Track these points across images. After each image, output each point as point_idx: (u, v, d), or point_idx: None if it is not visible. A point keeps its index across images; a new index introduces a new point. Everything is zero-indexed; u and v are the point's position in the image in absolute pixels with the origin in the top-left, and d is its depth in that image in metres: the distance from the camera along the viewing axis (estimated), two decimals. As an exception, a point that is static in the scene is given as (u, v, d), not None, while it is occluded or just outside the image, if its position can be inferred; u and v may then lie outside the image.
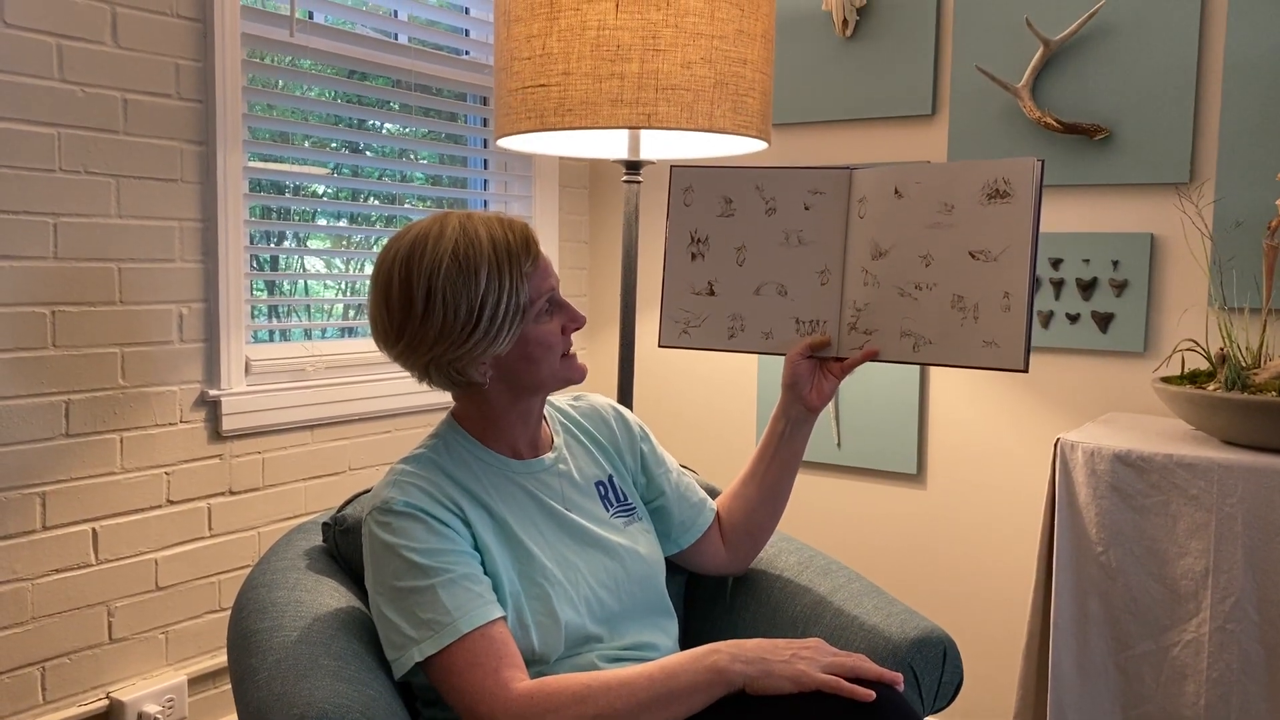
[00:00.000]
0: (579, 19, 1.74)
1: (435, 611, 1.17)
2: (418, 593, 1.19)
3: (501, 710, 1.13)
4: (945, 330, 1.36)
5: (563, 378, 1.32)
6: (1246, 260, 2.02)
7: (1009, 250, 1.31)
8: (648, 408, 2.81)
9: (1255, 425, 1.68)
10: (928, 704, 1.42)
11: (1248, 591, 1.66)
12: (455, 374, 1.27)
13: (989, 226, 1.32)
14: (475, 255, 1.22)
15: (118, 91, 1.82)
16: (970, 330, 1.34)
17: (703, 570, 1.57)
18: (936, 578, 2.41)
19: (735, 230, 1.50)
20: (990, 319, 1.32)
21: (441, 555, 1.20)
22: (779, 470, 1.50)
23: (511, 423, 1.34)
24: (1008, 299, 1.31)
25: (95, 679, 1.87)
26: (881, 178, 1.41)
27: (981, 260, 1.33)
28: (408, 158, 2.53)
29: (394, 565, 1.21)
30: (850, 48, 2.43)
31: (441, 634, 1.17)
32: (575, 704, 1.13)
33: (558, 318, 1.31)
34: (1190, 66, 2.07)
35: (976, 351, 1.33)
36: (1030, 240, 1.29)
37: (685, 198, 1.52)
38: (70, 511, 1.81)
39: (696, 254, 1.52)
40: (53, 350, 1.77)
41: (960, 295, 1.34)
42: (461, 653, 1.16)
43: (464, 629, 1.16)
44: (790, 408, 1.47)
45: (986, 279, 1.32)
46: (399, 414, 2.37)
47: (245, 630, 1.31)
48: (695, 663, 1.16)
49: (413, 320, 1.22)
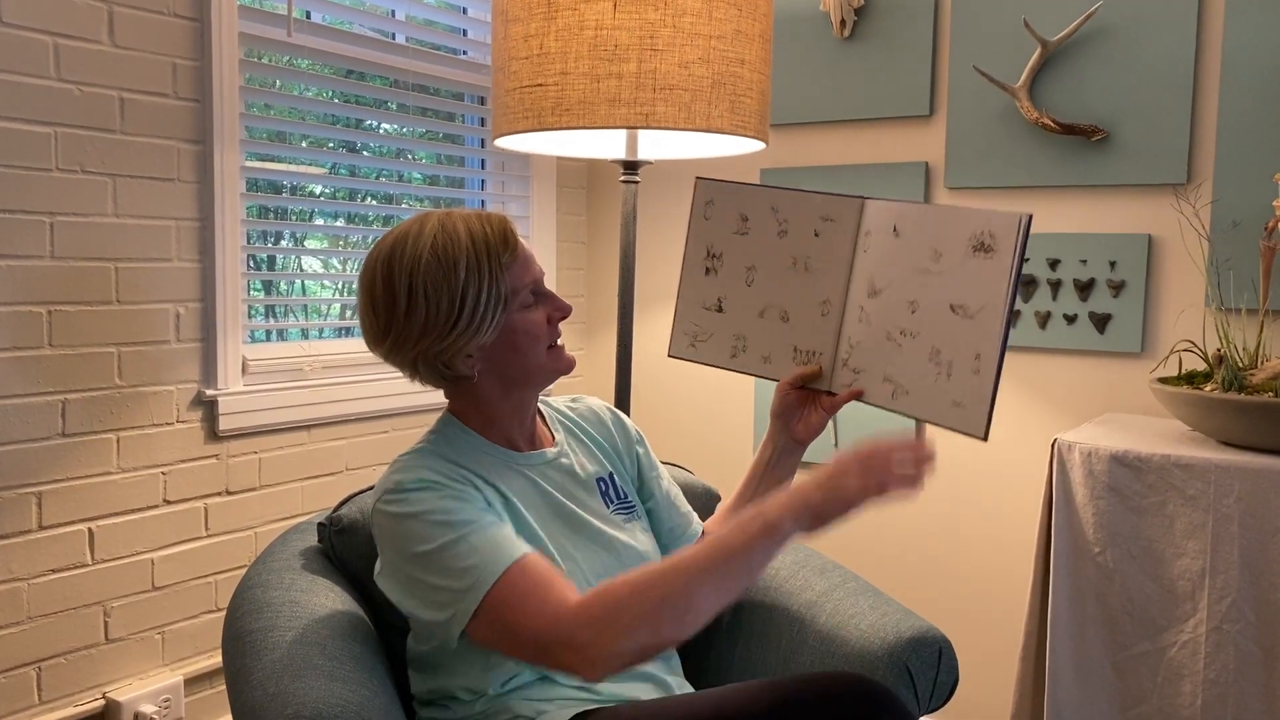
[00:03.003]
0: (577, 18, 1.74)
1: (474, 557, 1.17)
2: (450, 547, 1.18)
3: (567, 625, 1.12)
4: (921, 382, 1.29)
5: (551, 368, 1.32)
6: (1244, 261, 2.02)
7: (985, 309, 1.23)
8: (645, 408, 2.81)
9: (1252, 426, 1.68)
10: (923, 704, 1.42)
11: (1244, 592, 1.66)
12: (443, 367, 1.28)
13: (971, 280, 1.24)
14: (454, 249, 1.24)
15: (115, 91, 1.82)
16: (942, 387, 1.26)
17: None
18: (933, 578, 2.41)
19: (748, 249, 1.47)
20: (961, 378, 1.24)
21: (462, 512, 1.21)
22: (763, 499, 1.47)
23: (506, 416, 1.35)
24: (978, 360, 1.23)
25: (91, 679, 1.87)
26: (887, 213, 1.35)
27: (960, 315, 1.25)
28: (405, 157, 2.53)
29: (417, 532, 1.20)
30: (848, 48, 2.43)
31: (485, 576, 1.16)
32: (635, 596, 1.11)
33: (543, 308, 1.32)
34: (1188, 67, 2.07)
35: (944, 410, 1.26)
36: (1005, 301, 1.20)
37: (706, 211, 1.50)
38: (66, 511, 1.81)
39: (710, 269, 1.50)
40: (49, 350, 1.77)
41: (938, 349, 1.27)
42: (508, 590, 1.15)
43: (505, 563, 1.16)
44: (778, 436, 1.46)
45: (962, 335, 1.24)
46: (396, 414, 2.37)
47: (240, 630, 1.31)
48: (745, 527, 1.14)
49: (397, 317, 1.25)
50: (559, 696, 1.26)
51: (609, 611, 1.11)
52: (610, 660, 1.11)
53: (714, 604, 1.13)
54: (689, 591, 1.11)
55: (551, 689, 1.27)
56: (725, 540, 1.14)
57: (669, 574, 1.12)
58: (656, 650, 1.12)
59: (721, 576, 1.12)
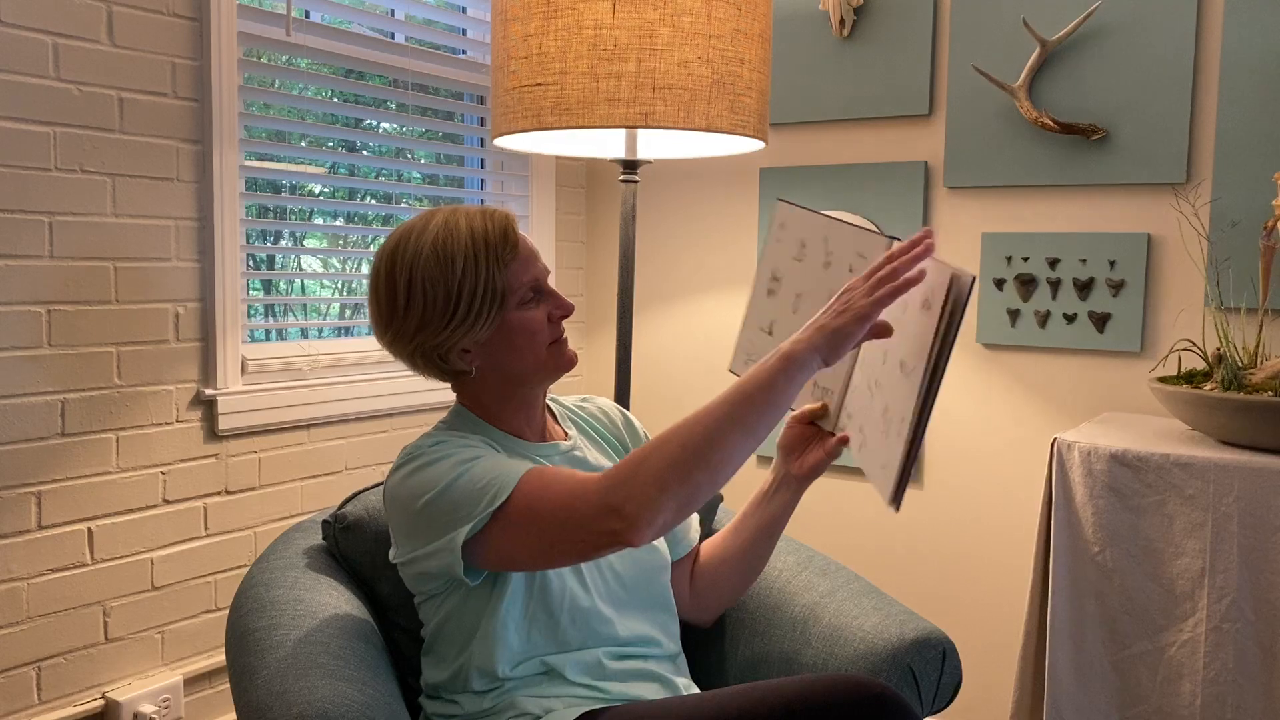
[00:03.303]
0: (576, 18, 1.74)
1: (492, 472, 1.19)
2: (464, 476, 1.20)
3: (598, 493, 1.11)
4: (873, 437, 1.23)
5: (550, 365, 1.33)
6: (1243, 260, 2.03)
7: (914, 369, 1.15)
8: (645, 408, 2.81)
9: (1251, 425, 1.68)
10: (926, 705, 1.42)
11: (1244, 591, 1.67)
12: (440, 361, 1.30)
13: (913, 337, 1.17)
14: (453, 245, 1.26)
15: (114, 90, 1.82)
16: (880, 445, 1.20)
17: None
18: (934, 578, 2.42)
19: (800, 276, 1.44)
20: (891, 440, 1.18)
21: (477, 453, 1.24)
22: (754, 530, 1.44)
23: (514, 411, 1.36)
24: (901, 423, 1.15)
25: (91, 679, 1.86)
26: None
27: (902, 373, 1.18)
28: (404, 157, 2.52)
29: (431, 476, 1.21)
30: (847, 47, 2.43)
31: (504, 481, 1.18)
32: (657, 449, 1.10)
33: (543, 306, 1.33)
34: (1187, 66, 2.07)
35: (876, 470, 1.21)
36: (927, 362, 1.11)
37: (779, 234, 1.47)
38: (66, 511, 1.80)
39: (772, 291, 1.48)
40: (48, 349, 1.76)
41: (887, 406, 1.21)
42: (529, 487, 1.17)
43: (524, 468, 1.19)
44: (779, 467, 1.44)
45: (901, 395, 1.17)
46: (396, 413, 2.37)
47: (244, 629, 1.30)
48: (763, 364, 1.13)
49: (397, 310, 1.27)
50: (566, 694, 1.26)
51: (635, 468, 1.10)
52: (649, 513, 1.09)
53: (740, 443, 1.11)
54: (711, 433, 1.10)
55: (559, 686, 1.27)
56: (745, 380, 1.13)
57: (689, 422, 1.12)
58: (693, 500, 1.11)
59: (744, 413, 1.11)
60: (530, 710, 1.24)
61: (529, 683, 1.27)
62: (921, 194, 2.36)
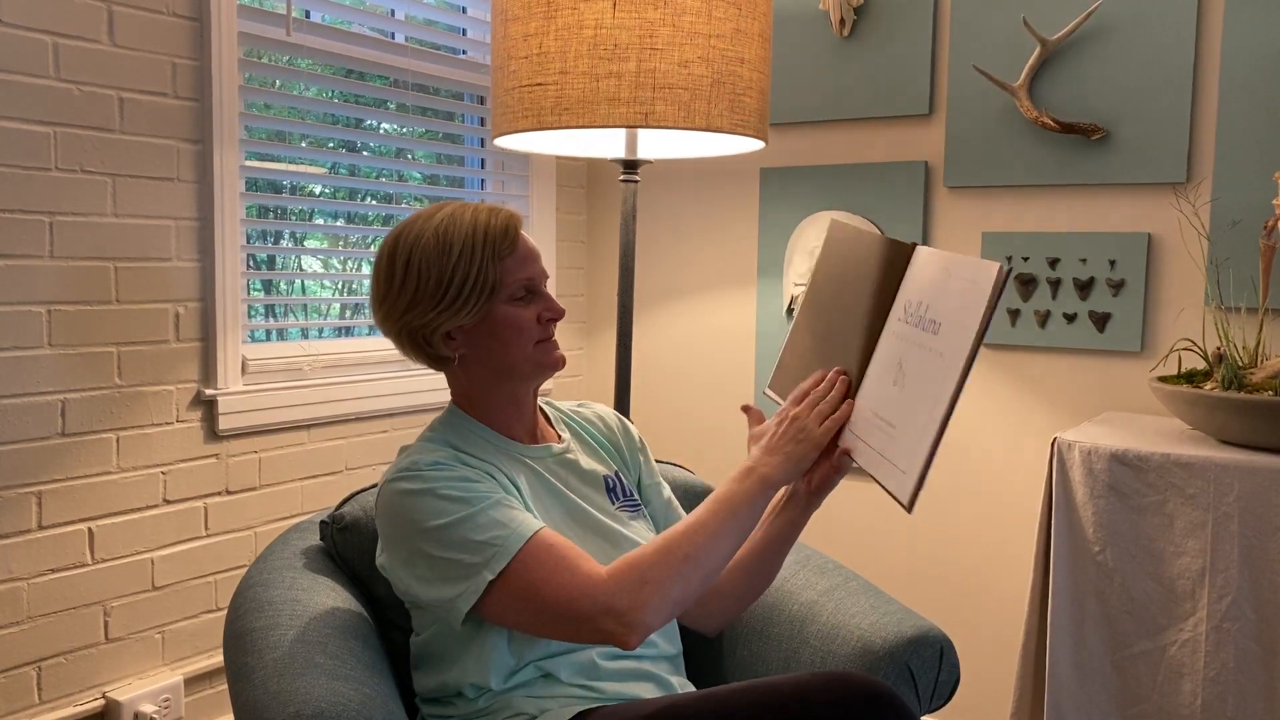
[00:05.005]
0: (576, 18, 1.74)
1: (492, 530, 1.20)
2: (466, 521, 1.20)
3: (605, 594, 1.16)
4: (881, 440, 1.21)
5: (536, 362, 1.34)
6: (1243, 259, 2.02)
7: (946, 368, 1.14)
8: (645, 408, 2.81)
9: (1252, 424, 1.68)
10: (924, 703, 1.42)
11: (1244, 590, 1.66)
12: (424, 342, 1.32)
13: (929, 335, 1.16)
14: (454, 232, 1.30)
15: (114, 90, 1.82)
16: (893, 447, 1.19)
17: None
18: (933, 577, 2.41)
19: (834, 293, 1.40)
20: (909, 441, 1.16)
21: (478, 487, 1.24)
22: (762, 544, 1.42)
23: (501, 405, 1.36)
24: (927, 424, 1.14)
25: (91, 679, 1.87)
26: (923, 266, 1.23)
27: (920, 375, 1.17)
28: (405, 157, 2.53)
29: (430, 507, 1.22)
30: (847, 47, 2.43)
31: (507, 545, 1.18)
32: (662, 558, 1.17)
33: (535, 306, 1.34)
34: (1187, 66, 2.07)
35: (892, 473, 1.18)
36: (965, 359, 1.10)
37: (827, 250, 1.44)
38: (66, 511, 1.81)
39: (816, 313, 1.43)
40: (49, 349, 1.77)
41: (899, 410, 1.19)
42: (533, 561, 1.18)
43: (527, 534, 1.19)
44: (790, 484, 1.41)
45: (918, 397, 1.16)
46: (395, 413, 2.37)
47: (242, 629, 1.30)
48: (741, 483, 1.24)
49: (392, 287, 1.31)
50: (561, 694, 1.26)
51: (642, 576, 1.16)
52: (650, 621, 1.16)
53: (730, 554, 1.22)
54: (708, 547, 1.19)
55: (554, 686, 1.27)
56: (729, 498, 1.23)
57: (688, 534, 1.20)
58: (686, 606, 1.20)
59: (730, 528, 1.21)
60: (526, 710, 1.24)
61: (524, 686, 1.27)
62: (922, 194, 2.36)
